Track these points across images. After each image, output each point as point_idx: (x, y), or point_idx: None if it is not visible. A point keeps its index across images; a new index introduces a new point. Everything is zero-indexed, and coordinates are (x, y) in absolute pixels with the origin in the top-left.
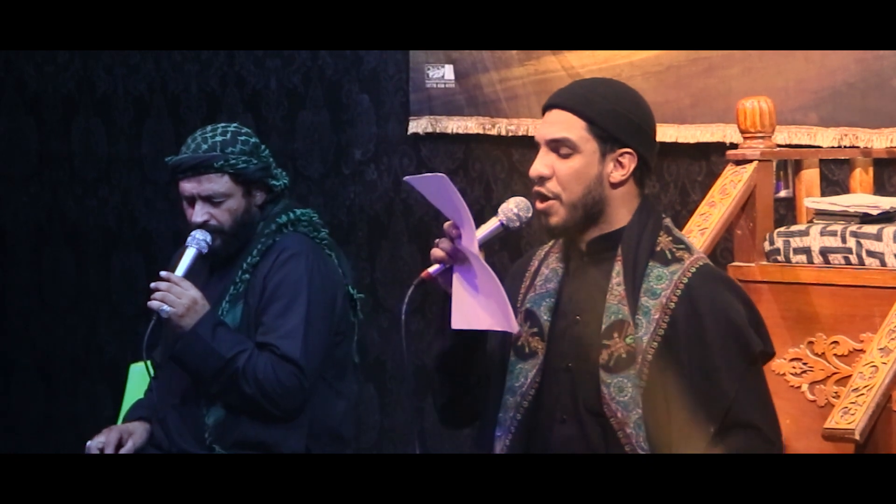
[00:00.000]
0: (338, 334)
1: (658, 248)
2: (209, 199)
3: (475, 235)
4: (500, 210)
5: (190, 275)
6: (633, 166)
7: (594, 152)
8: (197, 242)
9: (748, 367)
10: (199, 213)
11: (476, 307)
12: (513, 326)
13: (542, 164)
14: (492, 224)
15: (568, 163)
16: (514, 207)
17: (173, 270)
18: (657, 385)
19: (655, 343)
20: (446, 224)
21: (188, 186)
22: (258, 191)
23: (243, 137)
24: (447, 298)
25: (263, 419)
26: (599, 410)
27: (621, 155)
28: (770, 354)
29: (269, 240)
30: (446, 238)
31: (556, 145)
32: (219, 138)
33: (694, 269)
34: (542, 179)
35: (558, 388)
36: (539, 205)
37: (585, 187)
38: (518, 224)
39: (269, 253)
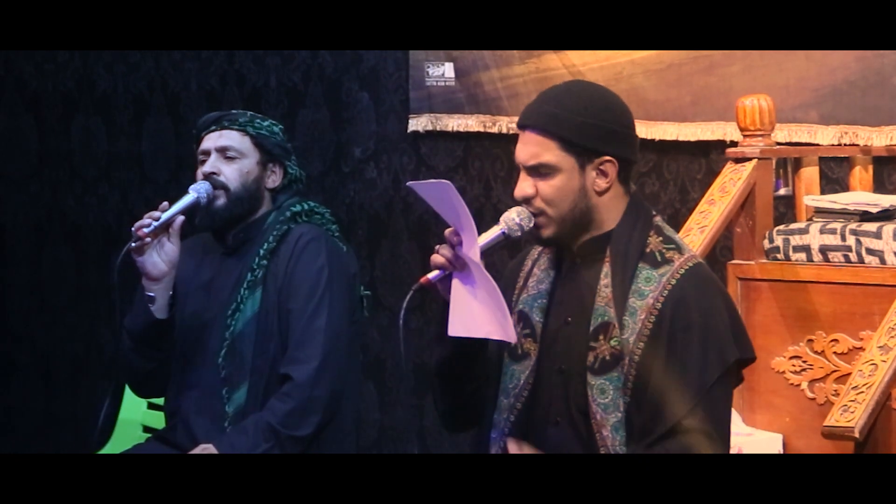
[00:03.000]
0: (353, 322)
1: (648, 250)
2: (224, 154)
3: (477, 243)
4: (501, 219)
5: (199, 257)
6: (615, 172)
7: (573, 167)
8: (197, 189)
9: (719, 379)
10: (208, 165)
11: (474, 315)
12: (510, 336)
13: (525, 185)
14: (493, 232)
15: (549, 182)
16: (515, 217)
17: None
18: (644, 387)
19: (642, 344)
20: (447, 231)
21: (208, 141)
22: (274, 167)
23: (274, 121)
24: (447, 305)
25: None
26: (587, 412)
27: (602, 164)
28: (749, 360)
29: (284, 226)
30: (447, 244)
31: (534, 170)
32: (250, 113)
33: (683, 271)
34: (527, 200)
35: (551, 390)
36: None
37: (571, 202)
38: (520, 233)
39: (286, 239)
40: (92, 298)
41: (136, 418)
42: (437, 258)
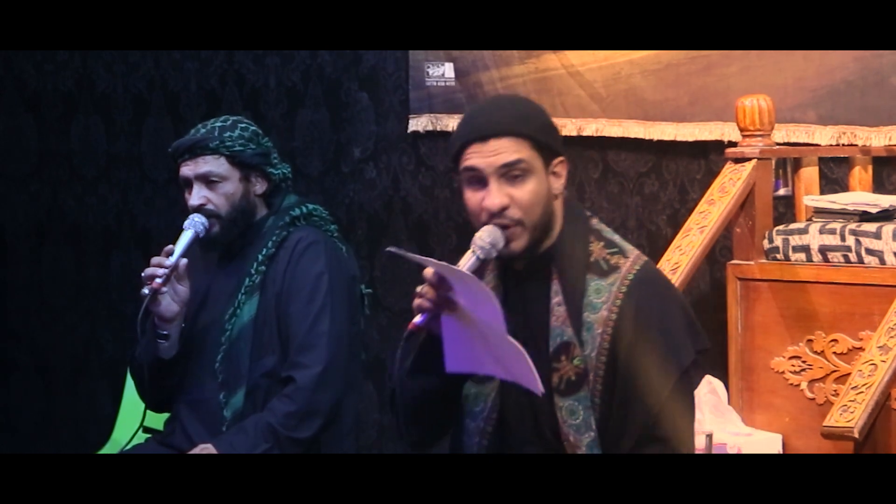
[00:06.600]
0: (353, 324)
1: (592, 259)
2: (206, 181)
3: (500, 312)
4: (472, 243)
5: (198, 263)
6: (565, 173)
7: (542, 169)
8: (194, 225)
9: (676, 382)
10: (195, 197)
11: (474, 351)
12: (538, 388)
13: (500, 194)
14: (467, 259)
15: (524, 186)
16: (487, 237)
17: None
18: (609, 400)
19: (604, 358)
20: (426, 271)
21: (186, 169)
22: (257, 178)
23: (243, 125)
24: (432, 340)
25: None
26: (559, 434)
27: (557, 165)
28: (705, 350)
29: (283, 231)
30: (428, 285)
31: (509, 169)
32: (218, 124)
33: (630, 277)
34: (503, 210)
35: (520, 412)
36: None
37: (542, 206)
38: (494, 253)
39: (285, 244)
40: (92, 298)
41: (136, 418)
42: (421, 302)
